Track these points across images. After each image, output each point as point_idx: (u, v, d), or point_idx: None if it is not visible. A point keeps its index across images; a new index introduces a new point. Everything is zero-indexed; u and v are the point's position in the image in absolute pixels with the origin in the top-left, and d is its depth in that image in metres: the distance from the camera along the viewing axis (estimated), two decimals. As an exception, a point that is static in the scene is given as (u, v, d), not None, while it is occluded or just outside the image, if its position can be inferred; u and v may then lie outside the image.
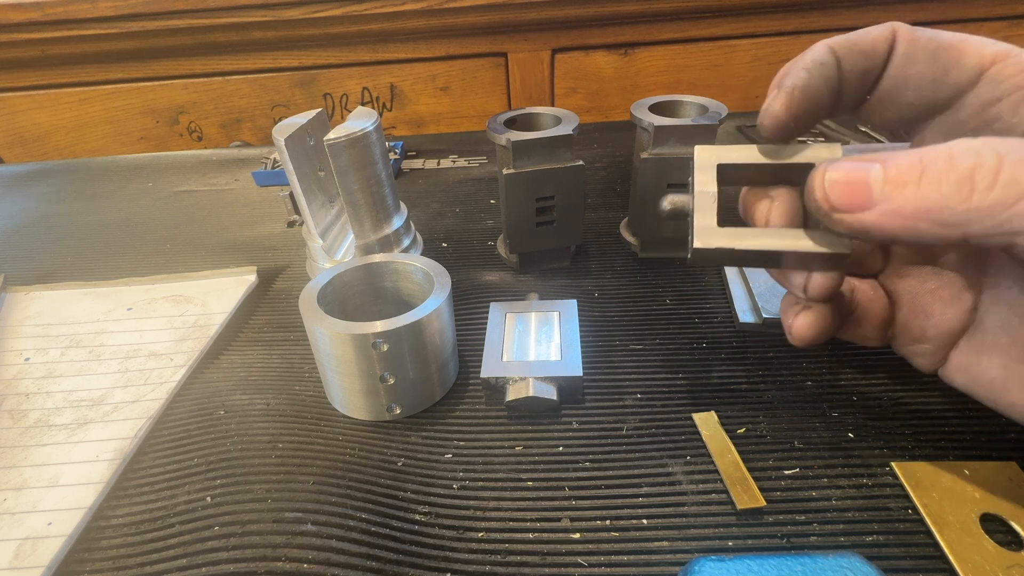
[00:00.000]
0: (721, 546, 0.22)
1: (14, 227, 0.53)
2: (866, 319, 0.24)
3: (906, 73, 0.21)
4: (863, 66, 0.21)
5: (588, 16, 0.83)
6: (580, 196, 0.37)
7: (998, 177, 0.15)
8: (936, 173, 0.16)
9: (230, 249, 0.46)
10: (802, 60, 0.22)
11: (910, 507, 0.23)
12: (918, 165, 0.17)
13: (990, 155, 0.15)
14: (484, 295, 0.38)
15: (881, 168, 0.17)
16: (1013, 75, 0.19)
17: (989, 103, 0.20)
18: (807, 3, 0.83)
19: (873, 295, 0.24)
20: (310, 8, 0.80)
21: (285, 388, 0.31)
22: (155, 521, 0.25)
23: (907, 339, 0.24)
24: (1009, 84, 0.19)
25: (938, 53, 0.20)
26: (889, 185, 0.17)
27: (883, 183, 0.17)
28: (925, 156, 0.17)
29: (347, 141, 0.32)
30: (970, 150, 0.16)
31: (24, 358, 0.35)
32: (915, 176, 0.17)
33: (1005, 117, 0.20)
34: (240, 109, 0.92)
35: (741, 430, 0.27)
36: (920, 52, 0.21)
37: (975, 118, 0.20)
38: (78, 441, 0.28)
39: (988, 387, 0.21)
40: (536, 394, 0.28)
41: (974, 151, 0.16)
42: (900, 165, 0.17)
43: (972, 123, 0.21)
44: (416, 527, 0.24)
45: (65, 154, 0.94)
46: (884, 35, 0.21)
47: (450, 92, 0.92)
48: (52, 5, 0.78)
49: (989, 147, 0.16)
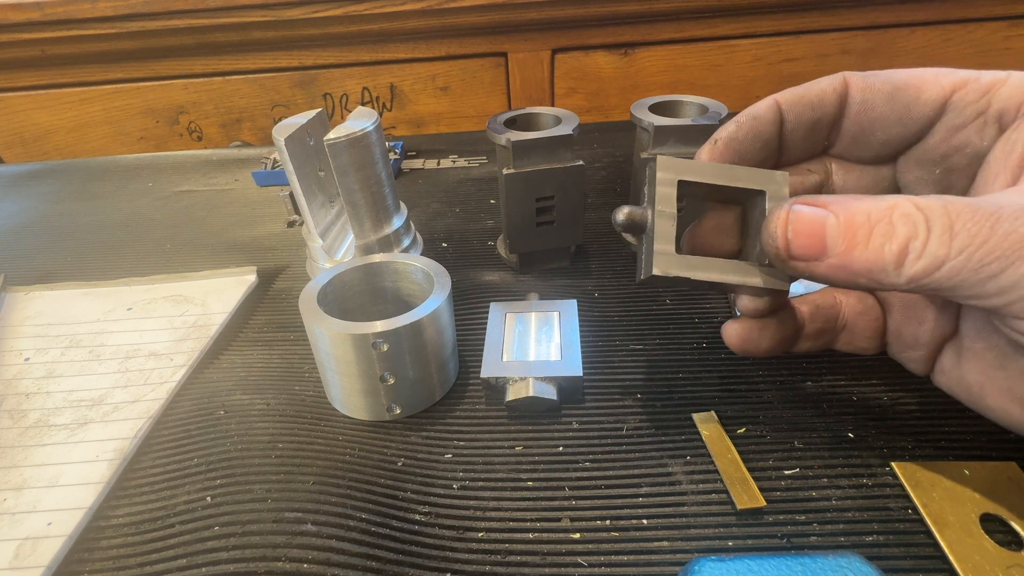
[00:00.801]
0: (721, 546, 0.22)
1: (14, 227, 0.53)
2: (858, 331, 0.25)
3: (869, 117, 0.22)
4: (810, 117, 0.23)
5: (588, 16, 0.83)
6: (580, 196, 0.37)
7: (924, 251, 0.17)
8: (880, 239, 0.17)
9: (230, 249, 0.46)
10: (741, 113, 0.23)
11: (910, 507, 0.23)
12: (867, 224, 0.18)
13: (922, 226, 0.17)
14: (484, 295, 0.38)
15: (835, 222, 0.18)
16: (974, 101, 0.21)
17: (956, 128, 0.21)
18: (807, 3, 0.83)
19: (861, 308, 0.25)
20: (310, 8, 0.80)
21: (285, 388, 0.31)
22: (155, 521, 0.25)
23: (901, 345, 0.24)
24: (971, 111, 0.21)
25: (895, 95, 0.22)
26: (842, 241, 0.18)
27: (838, 238, 0.18)
28: (872, 215, 0.18)
29: (347, 141, 0.32)
30: (907, 218, 0.17)
31: (24, 358, 0.35)
32: (864, 236, 0.18)
33: (974, 141, 0.21)
34: (240, 109, 0.92)
35: (741, 430, 0.27)
36: (876, 97, 0.22)
37: (944, 144, 0.22)
38: (78, 441, 0.28)
39: (968, 392, 0.22)
40: (536, 394, 0.28)
41: (910, 220, 0.17)
42: (853, 220, 0.18)
43: (942, 148, 0.22)
44: (416, 527, 0.24)
45: (65, 154, 0.94)
46: (834, 86, 0.22)
47: (450, 92, 0.92)
48: (52, 5, 0.78)
49: (922, 215, 0.17)
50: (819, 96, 0.23)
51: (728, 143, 0.23)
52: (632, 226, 0.23)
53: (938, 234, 0.17)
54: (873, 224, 0.18)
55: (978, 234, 0.16)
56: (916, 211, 0.17)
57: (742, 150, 0.23)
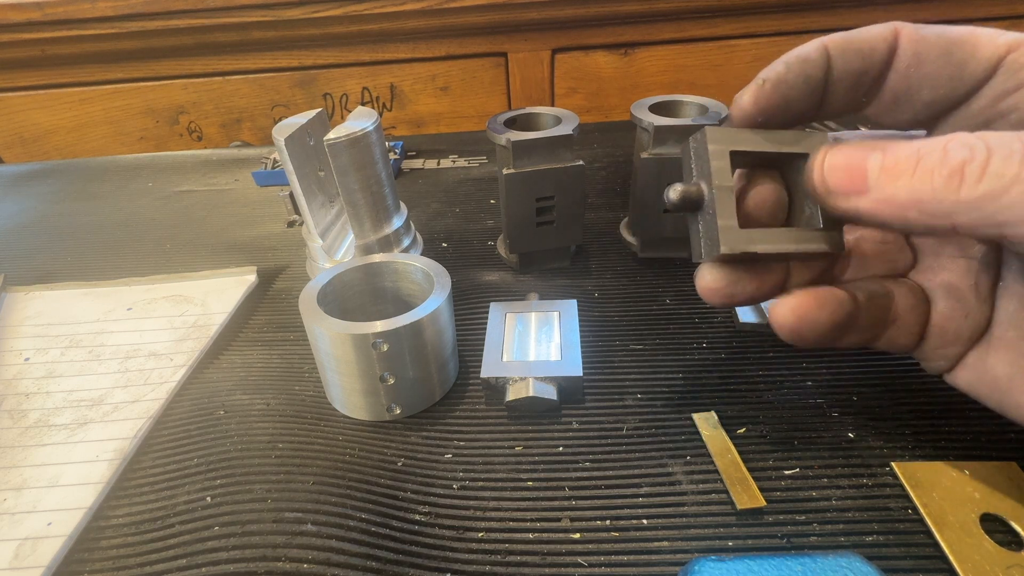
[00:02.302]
0: (721, 546, 0.22)
1: (14, 227, 0.53)
2: (905, 326, 0.23)
3: (920, 72, 0.20)
4: (858, 67, 0.21)
5: (588, 16, 0.83)
6: (580, 196, 0.37)
7: (986, 170, 0.15)
8: (930, 165, 0.16)
9: (230, 249, 0.46)
10: (788, 54, 0.21)
11: (910, 507, 0.23)
12: (914, 156, 0.17)
13: (981, 149, 0.16)
14: (484, 295, 0.38)
15: (880, 156, 0.17)
16: None
17: (1005, 93, 0.19)
18: (807, 3, 0.83)
19: (914, 301, 0.23)
20: (310, 8, 0.80)
21: (285, 388, 0.31)
22: (155, 521, 0.25)
23: (941, 341, 0.22)
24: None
25: (951, 49, 0.20)
26: (885, 174, 0.17)
27: (880, 171, 0.17)
28: (922, 148, 0.17)
29: (347, 141, 0.32)
30: (963, 144, 0.16)
31: (24, 358, 0.35)
32: (910, 167, 0.17)
33: (1022, 107, 0.19)
34: (240, 109, 0.92)
35: (741, 430, 0.27)
36: (931, 51, 0.20)
37: (989, 109, 0.20)
38: (78, 441, 0.28)
39: (993, 386, 0.21)
40: (536, 394, 0.28)
41: (967, 145, 0.16)
42: (898, 155, 0.17)
43: (986, 114, 0.20)
44: (416, 527, 0.24)
45: (65, 154, 0.94)
46: (884, 35, 0.21)
47: (450, 92, 0.92)
48: (52, 5, 0.78)
49: (982, 141, 0.16)
50: (869, 44, 0.21)
51: (776, 85, 0.21)
52: (687, 204, 0.21)
53: (1003, 155, 0.15)
54: (922, 155, 0.16)
55: None
56: (975, 139, 0.16)
57: (790, 94, 0.21)
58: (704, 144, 0.21)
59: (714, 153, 0.21)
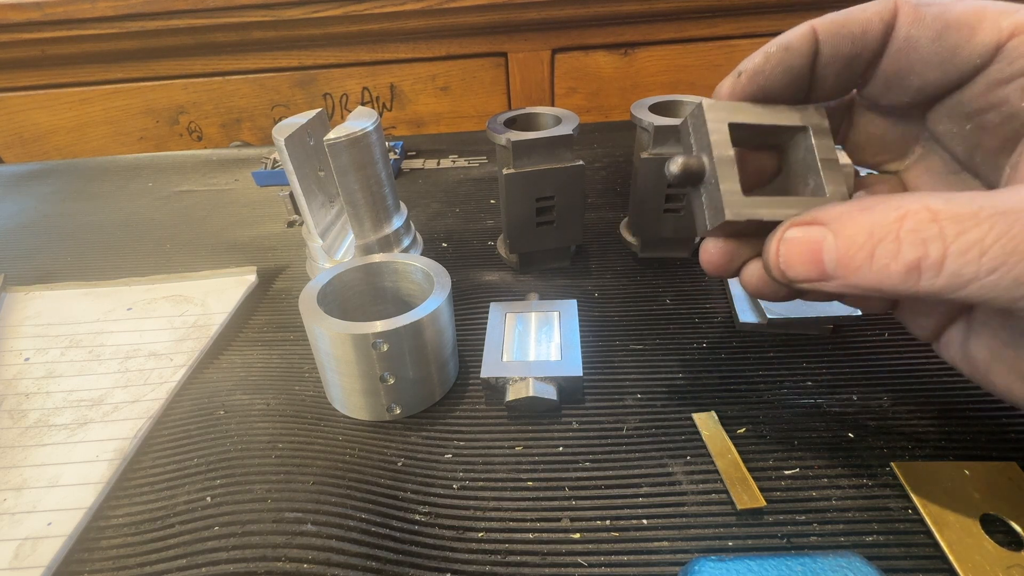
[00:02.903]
0: (721, 546, 0.22)
1: (14, 227, 0.53)
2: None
3: (909, 59, 0.20)
4: (849, 51, 0.20)
5: (588, 16, 0.83)
6: (580, 196, 0.37)
7: (942, 270, 0.15)
8: (884, 258, 0.16)
9: (230, 249, 0.46)
10: (771, 42, 0.21)
11: (910, 507, 0.23)
12: (869, 242, 0.16)
13: (936, 247, 0.15)
14: (484, 295, 0.38)
15: (833, 242, 0.17)
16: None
17: (998, 83, 0.19)
18: (807, 3, 0.83)
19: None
20: (310, 8, 0.80)
21: (285, 388, 0.31)
22: (155, 521, 0.25)
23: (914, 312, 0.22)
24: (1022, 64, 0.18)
25: (944, 34, 0.19)
26: (841, 266, 0.17)
27: (836, 263, 0.17)
28: (875, 230, 0.16)
29: (347, 141, 0.32)
30: (918, 237, 0.15)
31: (24, 358, 0.35)
32: (866, 257, 0.16)
33: (1012, 100, 0.18)
34: (240, 109, 0.92)
35: (741, 430, 0.27)
36: (924, 34, 0.19)
37: (981, 99, 0.19)
38: (78, 441, 0.28)
39: (972, 366, 0.21)
40: (536, 394, 0.28)
41: (921, 239, 0.15)
42: (851, 240, 0.17)
43: (979, 102, 0.19)
44: (416, 527, 0.24)
45: (65, 154, 0.94)
46: (880, 15, 0.19)
47: (450, 92, 0.92)
48: (52, 5, 0.78)
49: (939, 231, 0.15)
50: (863, 27, 0.20)
51: (753, 77, 0.21)
52: (689, 176, 0.21)
53: (959, 251, 0.15)
54: (876, 242, 0.16)
55: (1016, 249, 0.14)
56: (929, 224, 0.15)
57: (768, 85, 0.21)
58: (702, 117, 0.21)
59: (713, 125, 0.21)
